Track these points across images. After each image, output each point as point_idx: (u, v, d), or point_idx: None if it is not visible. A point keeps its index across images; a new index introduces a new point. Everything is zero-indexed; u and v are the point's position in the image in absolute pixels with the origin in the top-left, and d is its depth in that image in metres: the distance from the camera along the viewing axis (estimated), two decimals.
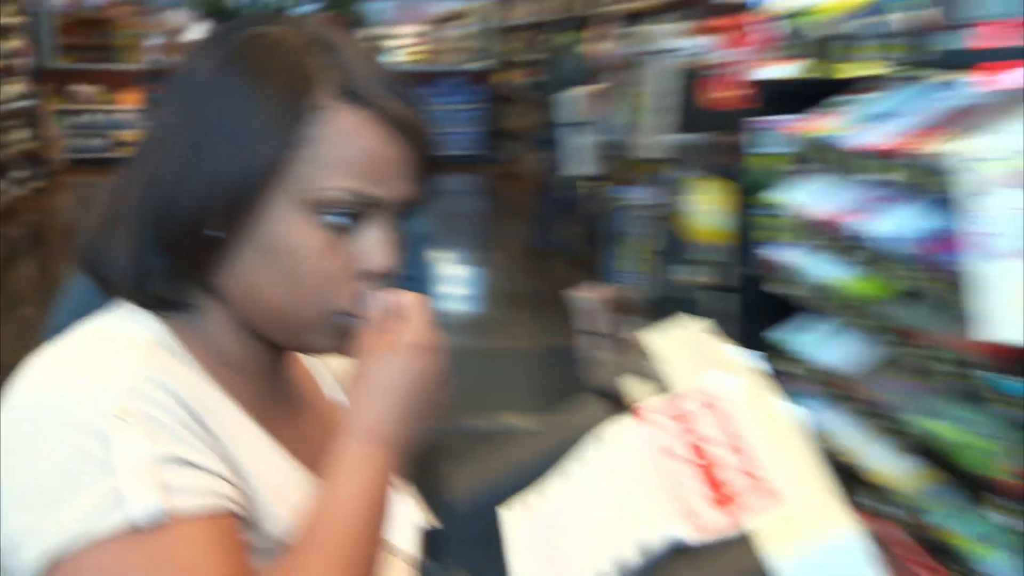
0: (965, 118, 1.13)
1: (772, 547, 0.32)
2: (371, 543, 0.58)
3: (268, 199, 0.56)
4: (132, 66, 7.95)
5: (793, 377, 1.45)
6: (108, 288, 0.61)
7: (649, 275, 2.60)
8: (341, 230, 0.57)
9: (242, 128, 0.56)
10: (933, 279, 1.16)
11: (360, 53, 0.59)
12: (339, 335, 0.58)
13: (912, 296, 1.20)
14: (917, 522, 1.19)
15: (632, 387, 0.49)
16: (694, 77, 2.09)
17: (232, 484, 0.55)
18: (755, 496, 0.35)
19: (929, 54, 1.22)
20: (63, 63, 8.22)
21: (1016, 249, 1.00)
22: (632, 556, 0.37)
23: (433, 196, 0.62)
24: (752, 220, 1.67)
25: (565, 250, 4.78)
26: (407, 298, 0.60)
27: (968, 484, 1.12)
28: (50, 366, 0.59)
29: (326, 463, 0.58)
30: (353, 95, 0.55)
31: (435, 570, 0.51)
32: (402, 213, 0.59)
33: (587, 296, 2.52)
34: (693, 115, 2.07)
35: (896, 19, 1.29)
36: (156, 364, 0.57)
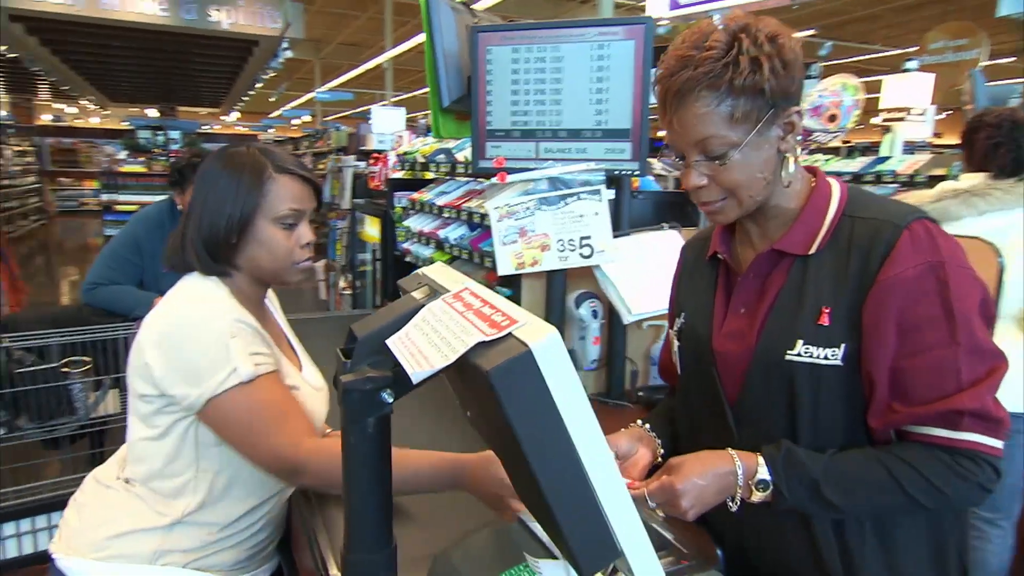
0: (475, 194, 2.76)
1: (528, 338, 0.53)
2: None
3: (256, 220, 1.16)
4: (88, 170, 16.97)
5: None
6: (186, 269, 1.19)
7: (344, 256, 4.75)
8: (290, 228, 1.18)
9: (239, 192, 1.14)
10: (471, 253, 2.41)
11: (281, 151, 1.20)
12: (297, 272, 1.21)
13: (459, 260, 2.56)
14: None
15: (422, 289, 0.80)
16: (362, 177, 3.84)
17: (274, 358, 1.17)
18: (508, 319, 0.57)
19: (469, 170, 2.66)
20: (54, 168, 17.40)
21: (502, 241, 2.02)
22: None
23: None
24: (391, 233, 3.08)
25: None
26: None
27: None
28: (179, 303, 1.15)
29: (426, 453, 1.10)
30: (281, 168, 1.17)
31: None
32: (311, 217, 1.23)
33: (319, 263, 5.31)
34: (362, 191, 3.74)
35: (450, 156, 2.92)
36: (235, 309, 1.14)
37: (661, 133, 1.04)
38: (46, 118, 20.44)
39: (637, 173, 1.78)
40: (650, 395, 1.97)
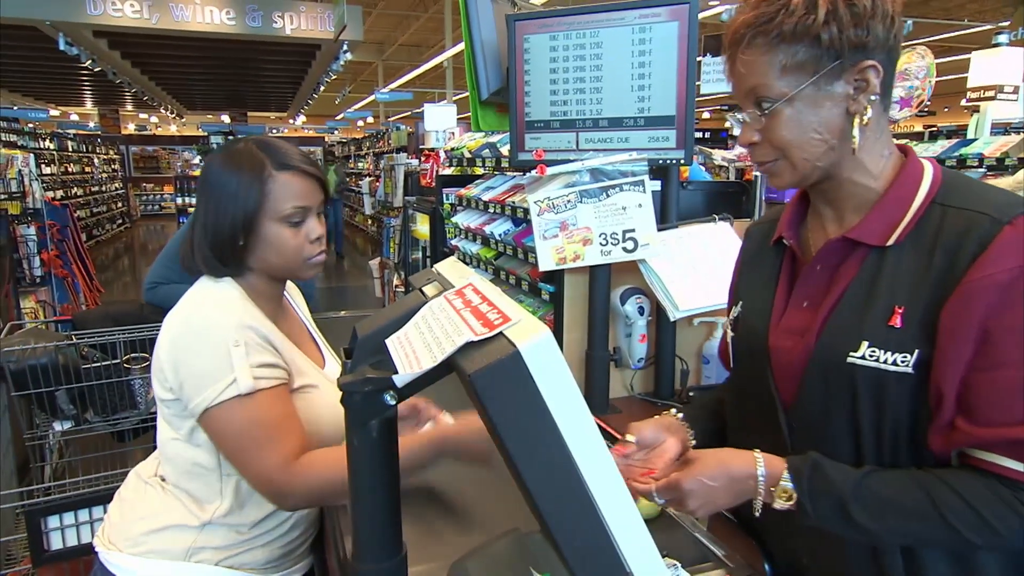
0: (520, 188, 2.71)
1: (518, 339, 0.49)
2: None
3: (260, 220, 1.12)
4: (168, 175, 18.13)
5: None
6: (196, 272, 1.18)
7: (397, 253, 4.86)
8: (297, 224, 1.15)
9: (239, 191, 1.10)
10: (515, 249, 2.26)
11: (283, 145, 1.15)
12: (311, 267, 1.18)
13: (504, 256, 2.50)
14: None
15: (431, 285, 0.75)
16: (414, 175, 3.87)
17: (284, 367, 1.12)
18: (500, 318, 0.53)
19: (509, 163, 2.68)
20: (137, 174, 19.01)
21: (543, 235, 1.89)
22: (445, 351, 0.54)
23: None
24: (440, 229, 3.11)
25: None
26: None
27: None
28: (190, 307, 1.13)
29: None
30: (281, 165, 1.13)
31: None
32: (319, 210, 1.19)
33: (374, 261, 5.63)
34: (414, 188, 3.78)
35: (495, 151, 2.90)
36: (245, 313, 1.11)
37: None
38: (131, 127, 21.80)
39: (682, 162, 1.68)
40: (701, 395, 1.88)
